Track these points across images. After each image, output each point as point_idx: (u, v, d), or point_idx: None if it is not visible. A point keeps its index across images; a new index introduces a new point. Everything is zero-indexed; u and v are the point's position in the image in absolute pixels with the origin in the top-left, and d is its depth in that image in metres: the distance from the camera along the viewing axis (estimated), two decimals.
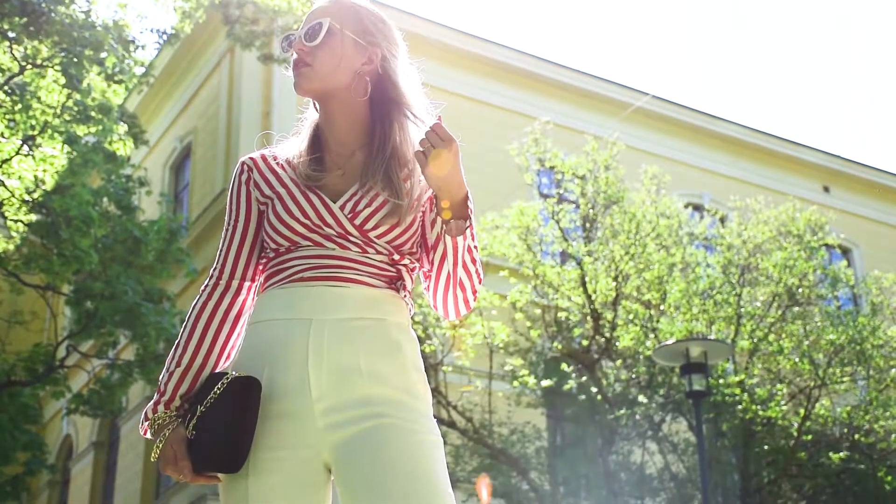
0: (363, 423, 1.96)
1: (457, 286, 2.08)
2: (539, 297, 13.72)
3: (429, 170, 1.95)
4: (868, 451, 12.72)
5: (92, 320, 12.36)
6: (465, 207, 2.01)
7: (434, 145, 1.93)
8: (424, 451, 1.95)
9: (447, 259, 2.04)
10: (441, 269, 2.06)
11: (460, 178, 1.98)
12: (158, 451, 2.00)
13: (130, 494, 19.40)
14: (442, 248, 2.03)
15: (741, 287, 12.93)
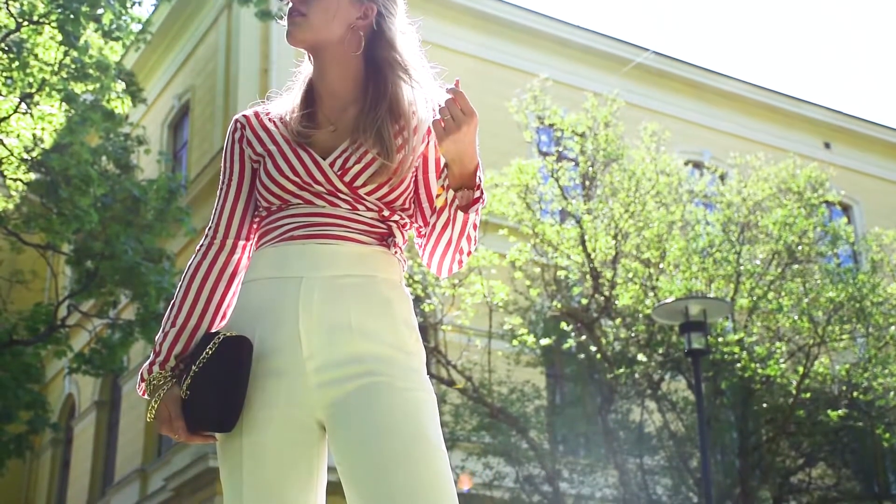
0: (355, 381, 1.96)
1: (456, 252, 2.08)
2: (538, 256, 13.71)
3: (448, 143, 1.93)
4: (866, 408, 12.78)
5: (92, 280, 12.38)
6: (474, 178, 2.00)
7: (454, 117, 1.92)
8: (416, 408, 1.95)
9: (452, 228, 2.03)
10: (442, 234, 2.05)
11: (474, 150, 1.98)
12: (154, 411, 2.02)
13: (133, 453, 19.56)
14: (447, 216, 2.02)
15: (741, 245, 12.92)
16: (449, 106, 1.92)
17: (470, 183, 2.00)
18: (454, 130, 1.92)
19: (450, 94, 1.94)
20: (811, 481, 14.07)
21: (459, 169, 1.98)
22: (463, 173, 1.99)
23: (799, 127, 22.31)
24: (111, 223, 12.00)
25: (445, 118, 1.92)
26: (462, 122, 1.92)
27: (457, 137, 1.93)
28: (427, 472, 1.89)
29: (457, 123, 1.92)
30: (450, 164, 1.99)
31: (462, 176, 1.99)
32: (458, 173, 1.99)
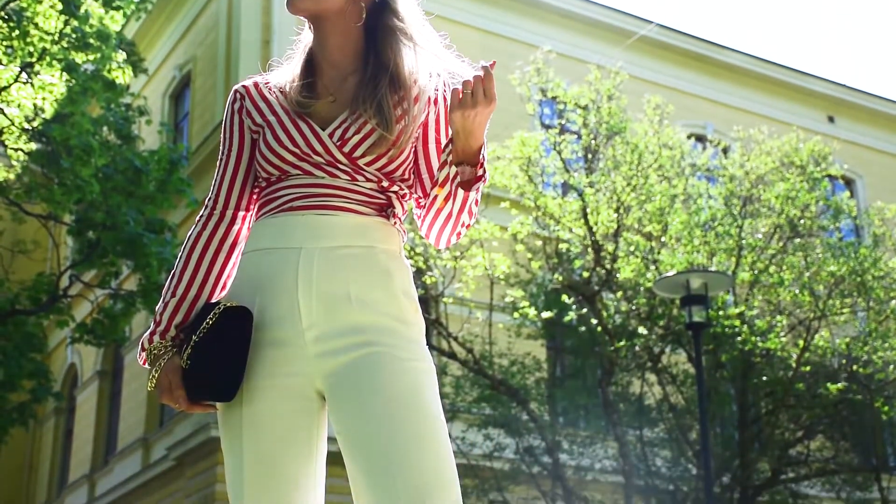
0: (354, 352, 1.96)
1: (455, 225, 2.09)
2: (540, 229, 13.71)
3: (457, 115, 1.93)
4: (866, 381, 12.81)
5: (94, 250, 12.39)
6: (478, 156, 2.00)
7: (474, 94, 1.92)
8: (415, 378, 1.96)
9: (452, 202, 2.04)
10: (443, 208, 2.06)
11: (482, 131, 1.98)
12: (155, 381, 2.03)
13: (135, 422, 19.66)
14: (448, 190, 2.02)
15: (743, 219, 12.90)
16: (475, 82, 1.93)
17: (473, 160, 2.01)
18: (468, 107, 1.93)
19: (480, 71, 1.94)
20: (810, 454, 14.14)
21: (463, 144, 1.98)
22: (466, 149, 1.99)
23: (803, 100, 22.23)
24: (112, 194, 11.99)
25: (465, 92, 1.92)
26: (479, 103, 1.93)
27: (468, 114, 1.93)
28: (426, 442, 1.90)
29: (473, 101, 1.92)
30: (454, 136, 1.99)
31: (465, 151, 1.99)
32: (461, 148, 1.99)
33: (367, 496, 1.90)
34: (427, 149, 2.13)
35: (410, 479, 1.86)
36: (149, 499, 18.21)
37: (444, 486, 1.88)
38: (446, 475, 1.89)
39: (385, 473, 1.87)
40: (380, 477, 1.88)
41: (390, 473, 1.87)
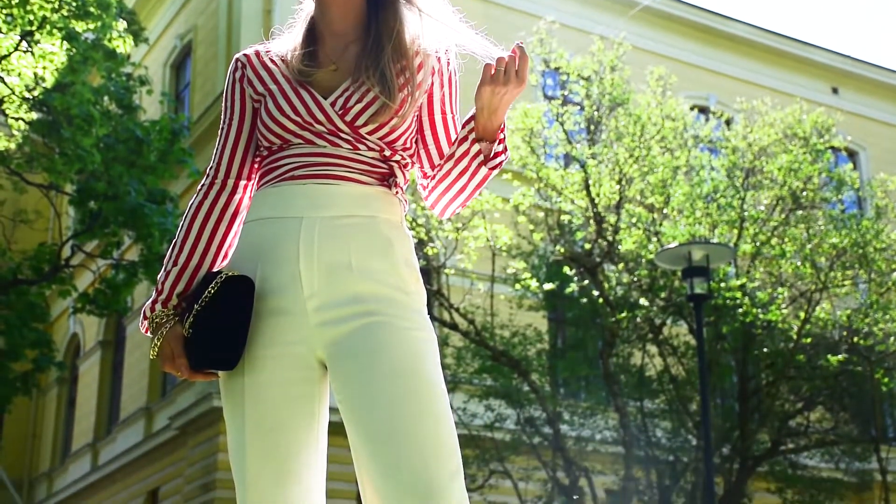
0: (355, 321, 1.97)
1: (467, 199, 2.11)
2: (542, 201, 13.69)
3: (487, 91, 1.95)
4: (866, 353, 12.84)
5: (96, 220, 12.39)
6: (497, 133, 2.02)
7: (507, 73, 1.93)
8: (416, 347, 1.96)
9: (469, 179, 2.06)
10: (456, 182, 2.07)
11: (506, 109, 2.00)
12: (157, 349, 2.03)
13: (137, 392, 19.75)
14: (465, 165, 2.04)
15: (745, 190, 12.88)
16: (508, 60, 1.94)
17: (492, 136, 2.02)
18: (499, 84, 1.94)
19: (514, 53, 1.95)
20: (809, 425, 14.20)
21: (485, 121, 2.00)
22: (487, 126, 2.00)
23: (807, 71, 22.12)
24: (114, 164, 11.97)
25: (499, 69, 1.94)
26: (510, 82, 1.94)
27: (498, 90, 1.95)
28: (427, 411, 1.90)
29: (505, 79, 1.94)
30: (478, 113, 2.00)
31: (486, 128, 2.01)
32: (483, 124, 2.00)
33: (368, 464, 1.91)
34: (433, 120, 2.13)
35: (412, 448, 1.87)
36: (152, 467, 18.33)
37: (446, 454, 1.89)
38: (447, 443, 1.90)
39: (386, 442, 1.88)
40: (381, 445, 1.89)
41: (392, 442, 1.88)
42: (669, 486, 13.08)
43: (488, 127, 2.00)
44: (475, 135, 2.01)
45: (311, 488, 2.02)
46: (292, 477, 1.99)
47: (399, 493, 1.85)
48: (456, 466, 1.90)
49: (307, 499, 2.01)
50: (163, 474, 17.77)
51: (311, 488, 2.02)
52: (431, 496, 1.84)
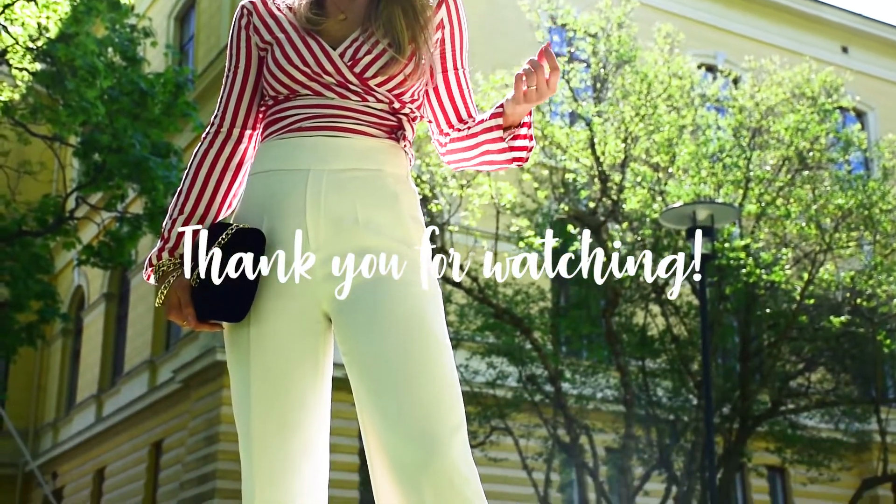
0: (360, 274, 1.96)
1: (487, 164, 2.13)
2: (547, 159, 13.64)
3: (519, 96, 1.97)
4: (869, 314, 12.84)
5: (100, 173, 12.38)
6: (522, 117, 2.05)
7: (539, 88, 1.95)
8: (421, 300, 1.96)
9: (499, 156, 2.09)
10: (486, 154, 2.10)
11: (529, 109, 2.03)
12: (163, 298, 2.03)
13: (141, 345, 19.85)
14: (502, 147, 2.07)
15: (751, 150, 12.81)
16: (539, 74, 1.94)
17: (516, 121, 2.05)
18: (532, 99, 1.97)
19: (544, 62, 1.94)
20: (810, 385, 14.26)
21: (512, 109, 2.02)
22: (514, 116, 2.03)
23: (816, 30, 21.91)
24: (118, 116, 11.93)
25: (531, 87, 1.95)
26: (542, 95, 1.96)
27: (530, 97, 1.97)
28: (431, 365, 1.91)
29: (538, 95, 1.96)
30: (507, 105, 2.03)
31: (514, 114, 2.03)
32: (511, 112, 2.02)
33: (371, 416, 1.92)
34: (447, 77, 2.13)
35: (415, 400, 1.87)
36: (156, 419, 18.48)
37: (449, 406, 1.89)
38: (450, 396, 1.90)
39: (390, 394, 1.89)
40: (385, 397, 1.89)
41: (395, 394, 1.88)
42: (669, 445, 13.17)
43: (515, 117, 2.04)
44: (506, 116, 2.04)
45: (314, 439, 2.03)
46: (296, 428, 2.00)
47: (402, 444, 1.85)
48: (459, 420, 1.90)
49: (310, 449, 2.02)
50: (167, 426, 17.92)
51: (315, 439, 2.03)
52: (434, 448, 1.84)
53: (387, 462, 1.88)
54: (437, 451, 1.84)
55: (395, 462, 1.86)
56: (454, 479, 1.84)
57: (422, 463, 1.83)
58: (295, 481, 1.99)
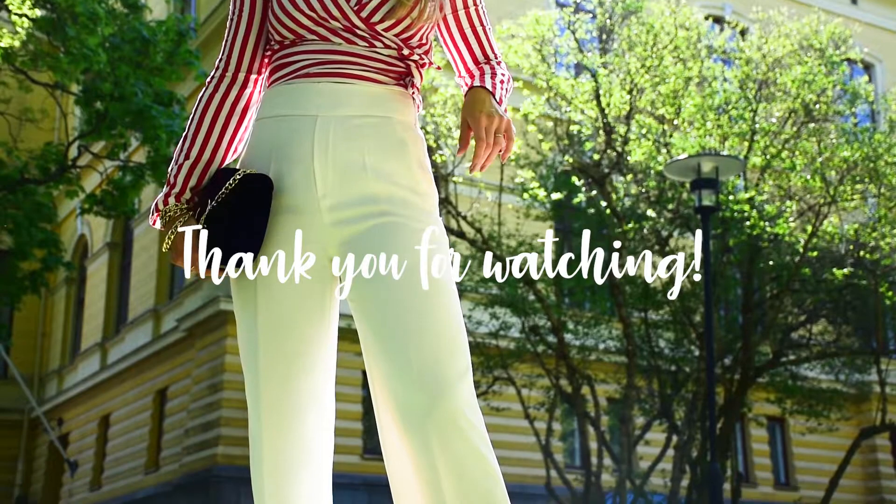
0: (369, 221, 1.96)
1: None
2: (552, 110, 13.56)
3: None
4: (872, 267, 12.84)
5: (102, 121, 12.32)
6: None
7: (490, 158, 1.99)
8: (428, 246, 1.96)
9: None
10: None
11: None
12: (170, 243, 2.02)
13: (145, 294, 19.91)
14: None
15: (757, 102, 12.72)
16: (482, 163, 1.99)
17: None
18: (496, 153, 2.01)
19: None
20: (811, 337, 14.31)
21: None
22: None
23: None
24: (120, 64, 11.85)
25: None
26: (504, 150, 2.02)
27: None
28: (437, 311, 1.91)
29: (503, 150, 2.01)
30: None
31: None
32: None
33: (378, 361, 1.92)
34: (458, 17, 2.11)
35: (422, 345, 1.88)
36: (160, 368, 18.61)
37: (455, 352, 1.90)
38: (457, 342, 1.91)
39: (397, 339, 1.89)
40: (392, 342, 1.90)
41: (402, 339, 1.89)
42: (671, 395, 13.25)
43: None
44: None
45: (320, 385, 2.04)
46: (302, 373, 2.01)
47: (409, 388, 1.86)
48: (465, 366, 1.91)
49: (317, 394, 2.03)
50: (171, 374, 18.05)
51: (321, 385, 2.04)
52: (441, 392, 1.85)
53: (393, 407, 1.89)
54: (443, 396, 1.85)
55: (402, 407, 1.87)
56: (460, 423, 1.85)
57: (428, 408, 1.84)
58: (301, 427, 2.01)
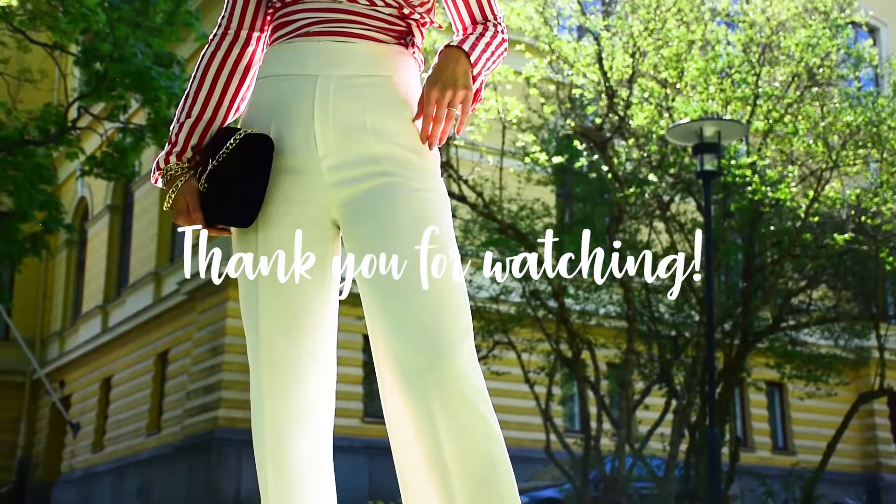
0: (369, 181, 1.96)
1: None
2: (554, 73, 13.48)
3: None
4: (873, 232, 12.82)
5: (102, 82, 12.24)
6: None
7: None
8: (429, 208, 1.96)
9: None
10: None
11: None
12: (171, 202, 2.02)
13: (146, 256, 19.93)
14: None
15: (760, 66, 12.64)
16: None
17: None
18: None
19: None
20: (811, 302, 14.33)
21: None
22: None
23: None
24: (119, 24, 11.76)
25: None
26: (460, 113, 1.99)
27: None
28: (438, 270, 1.91)
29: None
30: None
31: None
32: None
33: (379, 321, 1.92)
34: None
35: (423, 305, 1.88)
36: (161, 330, 18.66)
37: (456, 312, 1.90)
38: (458, 302, 1.91)
39: (398, 299, 1.89)
40: (393, 302, 1.90)
41: (403, 300, 1.89)
42: (670, 360, 13.29)
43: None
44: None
45: (321, 343, 2.04)
46: (304, 333, 2.01)
47: (410, 348, 1.87)
48: (466, 326, 1.91)
49: (318, 354, 2.04)
50: (172, 337, 18.11)
51: (322, 343, 2.05)
52: (442, 352, 1.85)
53: (394, 367, 1.90)
54: (443, 356, 1.85)
55: (402, 367, 1.88)
56: (460, 383, 1.85)
57: (428, 368, 1.85)
58: (302, 385, 2.01)
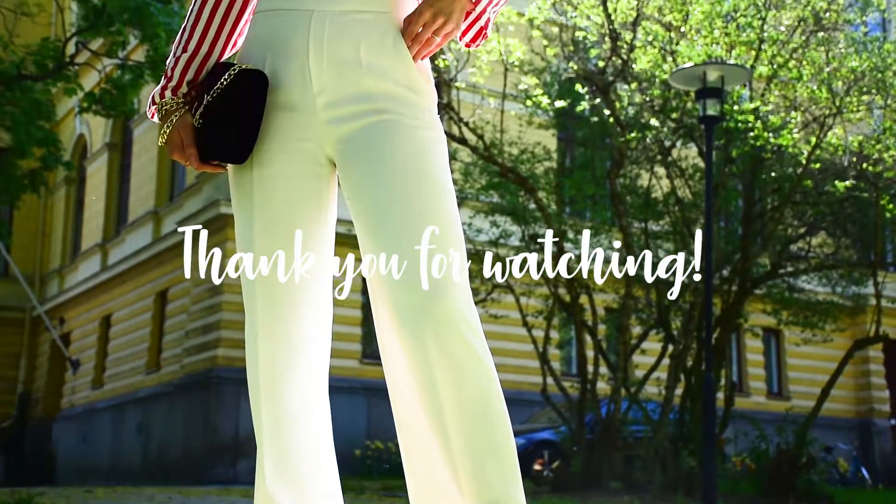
0: (365, 119, 1.94)
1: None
2: (557, 15, 13.33)
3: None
4: (874, 179, 12.78)
5: (100, 18, 12.10)
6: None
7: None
8: (425, 146, 1.95)
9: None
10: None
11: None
12: (166, 136, 2.01)
13: (145, 195, 19.90)
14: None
15: (766, 10, 12.49)
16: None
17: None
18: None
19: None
20: (810, 249, 14.34)
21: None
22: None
23: None
24: None
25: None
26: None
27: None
28: (433, 208, 1.90)
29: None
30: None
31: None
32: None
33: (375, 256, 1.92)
34: None
35: (419, 239, 1.87)
36: (160, 269, 18.70)
37: (452, 243, 1.90)
38: (453, 234, 1.90)
39: (395, 237, 1.89)
40: (390, 240, 1.89)
41: (401, 237, 1.88)
42: (668, 306, 13.33)
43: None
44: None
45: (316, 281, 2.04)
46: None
47: (405, 288, 1.86)
48: (461, 254, 1.91)
49: (313, 291, 2.04)
50: (171, 276, 18.15)
51: (317, 281, 2.04)
52: (437, 290, 1.85)
53: (389, 306, 1.90)
54: (438, 294, 1.85)
55: (398, 305, 1.88)
56: (455, 321, 1.85)
57: (423, 305, 1.85)
58: (296, 324, 2.01)
